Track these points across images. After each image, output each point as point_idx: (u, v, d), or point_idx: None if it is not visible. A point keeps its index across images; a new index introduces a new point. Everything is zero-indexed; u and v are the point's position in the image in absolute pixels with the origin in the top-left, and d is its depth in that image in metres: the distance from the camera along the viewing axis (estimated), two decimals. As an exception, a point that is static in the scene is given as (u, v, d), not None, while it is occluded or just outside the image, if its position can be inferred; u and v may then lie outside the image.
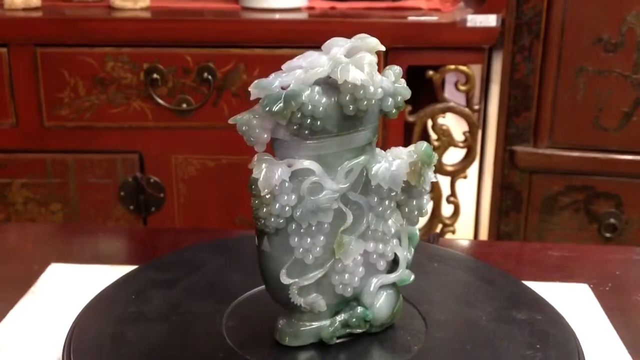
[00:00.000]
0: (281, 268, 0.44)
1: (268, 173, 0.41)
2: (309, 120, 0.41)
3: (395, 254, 0.47)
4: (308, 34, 1.21)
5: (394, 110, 0.44)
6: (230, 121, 0.41)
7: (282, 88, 0.41)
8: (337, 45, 0.41)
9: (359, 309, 0.47)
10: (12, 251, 0.69)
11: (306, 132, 0.42)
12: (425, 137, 1.38)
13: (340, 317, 0.47)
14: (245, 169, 0.43)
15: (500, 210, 1.36)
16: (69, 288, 0.60)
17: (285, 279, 0.44)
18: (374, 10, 1.33)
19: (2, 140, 1.27)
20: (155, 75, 1.23)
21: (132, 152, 1.28)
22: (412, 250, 0.48)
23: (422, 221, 1.41)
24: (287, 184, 0.42)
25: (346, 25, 1.23)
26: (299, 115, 0.41)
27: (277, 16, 1.28)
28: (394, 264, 0.48)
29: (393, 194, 0.45)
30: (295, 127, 0.41)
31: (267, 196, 0.42)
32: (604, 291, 0.62)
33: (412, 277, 0.48)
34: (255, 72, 1.23)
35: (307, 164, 0.42)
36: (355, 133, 0.43)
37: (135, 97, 1.25)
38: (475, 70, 1.32)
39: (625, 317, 0.58)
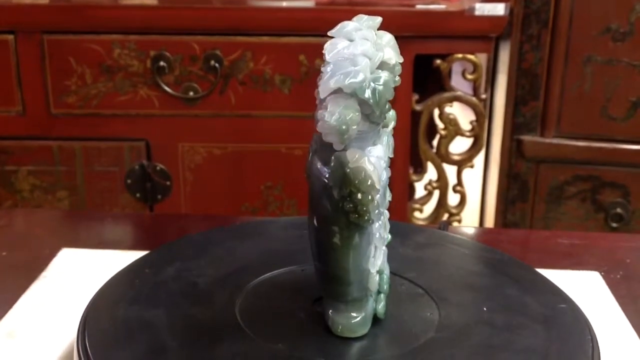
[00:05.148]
0: (369, 258, 0.43)
1: (374, 165, 0.40)
2: (387, 106, 0.41)
3: None
4: (315, 22, 1.21)
5: None
6: (334, 122, 0.38)
7: None
8: (354, 29, 0.41)
9: (385, 276, 0.47)
10: (22, 236, 0.69)
11: (383, 118, 0.41)
12: (431, 125, 1.38)
13: (375, 291, 0.46)
14: (251, 156, 0.42)
15: (507, 199, 1.35)
16: (81, 273, 0.60)
17: (372, 268, 0.43)
18: (381, -2, 1.33)
19: (9, 128, 1.27)
20: (162, 63, 1.23)
21: (138, 139, 1.28)
22: None
23: (429, 210, 1.41)
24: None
25: (353, 13, 1.21)
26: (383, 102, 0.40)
27: (285, 4, 1.27)
28: None
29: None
30: (377, 114, 0.40)
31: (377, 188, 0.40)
32: (615, 279, 0.62)
33: (389, 236, 0.48)
34: (262, 60, 1.23)
35: (378, 149, 0.41)
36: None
37: (142, 84, 1.25)
38: (483, 59, 1.32)
39: (637, 305, 0.58)
